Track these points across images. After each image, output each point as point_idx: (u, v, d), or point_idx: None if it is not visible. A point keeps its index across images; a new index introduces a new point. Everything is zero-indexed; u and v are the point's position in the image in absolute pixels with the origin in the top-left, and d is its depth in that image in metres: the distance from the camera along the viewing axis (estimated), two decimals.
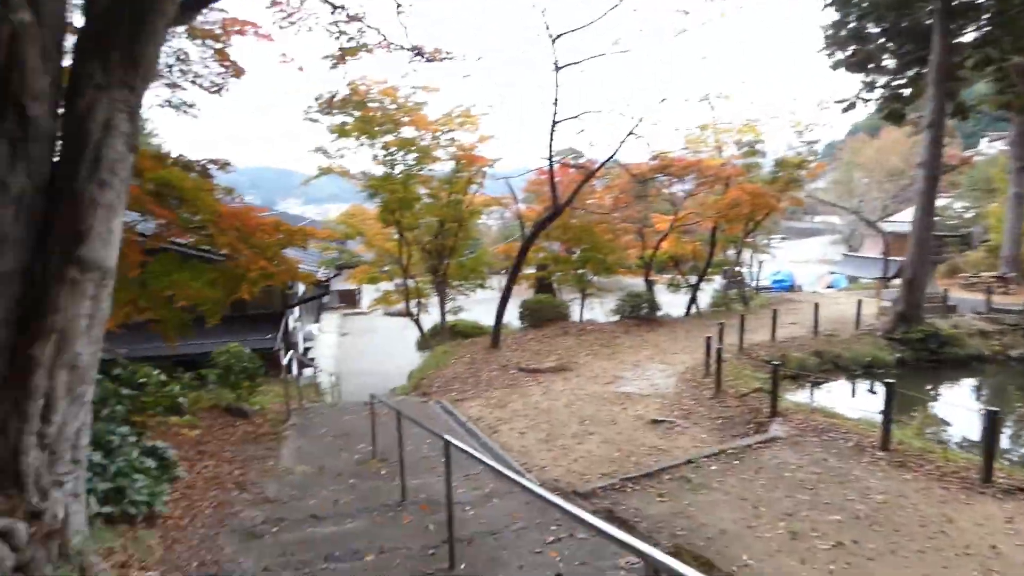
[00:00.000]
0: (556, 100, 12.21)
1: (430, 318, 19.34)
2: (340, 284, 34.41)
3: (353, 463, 7.27)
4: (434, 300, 19.19)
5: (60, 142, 3.60)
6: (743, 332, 13.93)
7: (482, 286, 19.55)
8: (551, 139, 12.36)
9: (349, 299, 37.16)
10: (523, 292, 38.57)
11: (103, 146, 3.51)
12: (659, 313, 18.17)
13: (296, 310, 22.03)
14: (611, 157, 12.91)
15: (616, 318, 18.25)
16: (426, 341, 17.85)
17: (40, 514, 3.20)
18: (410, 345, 25.02)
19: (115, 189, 3.60)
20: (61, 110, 3.60)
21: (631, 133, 12.73)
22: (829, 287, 31.52)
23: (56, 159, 3.59)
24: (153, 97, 9.30)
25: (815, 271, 37.60)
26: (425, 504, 5.33)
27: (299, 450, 7.75)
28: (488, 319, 21.63)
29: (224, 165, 8.82)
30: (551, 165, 12.60)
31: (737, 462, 7.00)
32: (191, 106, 10.00)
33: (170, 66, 8.99)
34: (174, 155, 8.19)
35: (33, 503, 3.19)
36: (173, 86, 9.38)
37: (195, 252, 13.88)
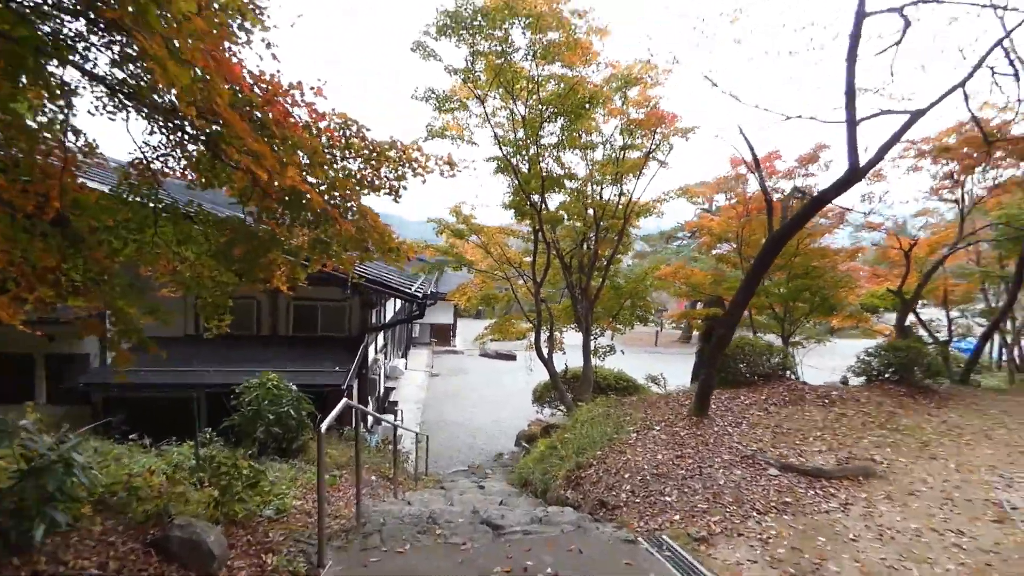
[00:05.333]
0: None
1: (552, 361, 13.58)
2: (432, 317, 29.85)
3: None
4: (570, 338, 13.45)
5: None
6: None
7: (643, 320, 13.50)
8: (854, 41, 6.42)
9: (442, 335, 32.83)
10: (647, 341, 31.62)
11: None
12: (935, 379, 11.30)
13: (380, 336, 17.09)
14: (964, 82, 6.63)
15: (840, 380, 11.83)
16: (557, 392, 12.02)
17: None
18: (514, 392, 19.56)
19: None
20: None
21: (1008, 35, 6.54)
22: None
23: None
24: None
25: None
26: None
27: None
28: (628, 369, 15.78)
29: None
30: (851, 90, 6.55)
31: None
32: None
33: None
34: None
35: None
36: None
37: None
